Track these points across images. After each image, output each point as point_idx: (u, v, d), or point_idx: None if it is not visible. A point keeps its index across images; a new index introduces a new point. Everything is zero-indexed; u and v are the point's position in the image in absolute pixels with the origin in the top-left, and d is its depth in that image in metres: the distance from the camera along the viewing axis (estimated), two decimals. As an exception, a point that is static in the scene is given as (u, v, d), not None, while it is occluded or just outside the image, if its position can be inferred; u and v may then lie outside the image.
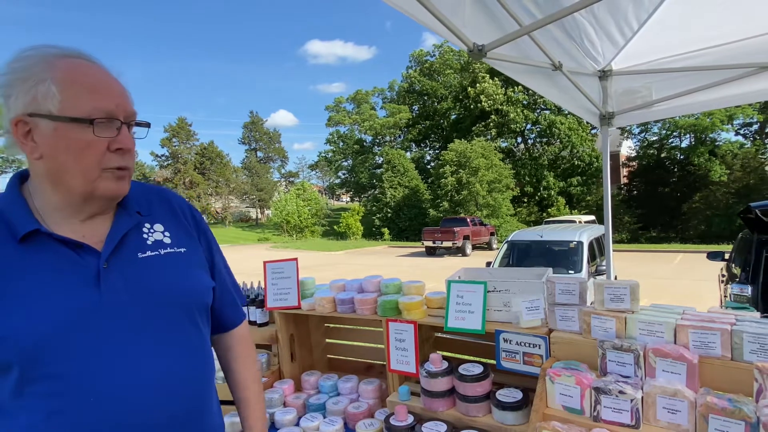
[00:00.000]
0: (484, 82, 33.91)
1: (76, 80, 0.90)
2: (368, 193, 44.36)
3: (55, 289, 0.89)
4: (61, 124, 0.88)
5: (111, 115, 0.92)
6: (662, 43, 2.78)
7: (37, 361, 0.86)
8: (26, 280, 0.88)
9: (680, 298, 9.40)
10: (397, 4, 1.68)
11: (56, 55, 0.90)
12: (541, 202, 33.44)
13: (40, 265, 0.90)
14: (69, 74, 0.89)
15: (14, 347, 0.84)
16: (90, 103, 0.90)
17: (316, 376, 2.33)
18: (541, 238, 8.36)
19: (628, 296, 1.59)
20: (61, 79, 0.88)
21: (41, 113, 0.88)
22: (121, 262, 0.97)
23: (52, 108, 0.88)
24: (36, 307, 0.86)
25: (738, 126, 30.31)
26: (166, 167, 47.44)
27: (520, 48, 2.31)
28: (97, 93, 0.91)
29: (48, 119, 0.88)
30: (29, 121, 0.89)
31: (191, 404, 1.02)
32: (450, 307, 1.87)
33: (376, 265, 18.74)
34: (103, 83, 0.93)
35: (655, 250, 21.50)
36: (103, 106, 0.91)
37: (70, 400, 0.87)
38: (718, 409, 1.26)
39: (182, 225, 1.13)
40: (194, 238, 1.14)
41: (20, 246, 0.90)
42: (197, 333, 1.07)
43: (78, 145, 0.90)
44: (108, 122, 0.92)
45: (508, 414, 1.64)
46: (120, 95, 0.95)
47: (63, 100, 0.88)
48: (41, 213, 0.95)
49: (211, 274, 1.17)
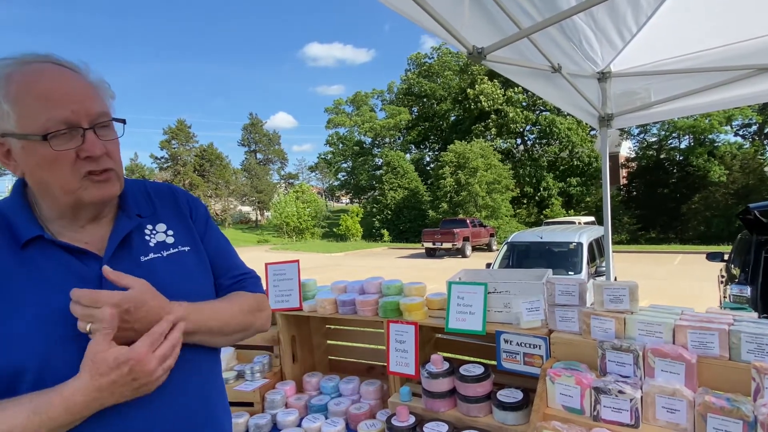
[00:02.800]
0: (483, 84, 33.97)
1: (29, 92, 0.84)
2: (368, 195, 44.38)
3: (56, 296, 0.87)
4: (25, 141, 0.86)
5: (70, 123, 0.86)
6: (661, 45, 2.80)
7: (40, 368, 0.84)
8: (27, 286, 0.87)
9: (679, 299, 9.41)
10: (397, 8, 1.69)
11: (10, 67, 0.86)
12: (541, 203, 33.45)
13: (42, 271, 0.89)
14: (20, 87, 0.85)
15: (18, 355, 0.82)
16: (43, 115, 0.85)
17: (317, 377, 2.34)
18: (541, 240, 8.38)
19: (627, 297, 1.61)
20: (14, 94, 0.84)
21: (7, 133, 0.86)
22: (123, 266, 0.95)
23: (10, 127, 0.85)
24: (38, 314, 0.85)
25: (737, 127, 30.39)
26: (165, 169, 47.42)
27: (519, 50, 2.32)
28: (50, 101, 0.85)
29: (13, 138, 0.86)
30: (3, 141, 0.87)
31: (197, 413, 1.01)
32: (451, 308, 1.88)
33: (376, 266, 18.74)
34: (57, 89, 0.86)
35: (654, 251, 21.53)
36: (58, 116, 0.85)
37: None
38: (717, 408, 1.27)
39: (186, 222, 1.11)
40: (196, 233, 1.11)
41: (23, 252, 0.89)
42: None
43: (45, 161, 0.87)
44: (69, 131, 0.86)
45: (509, 414, 1.65)
46: (81, 99, 0.88)
47: (18, 117, 0.84)
48: (44, 220, 0.94)
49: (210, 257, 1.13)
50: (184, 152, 47.80)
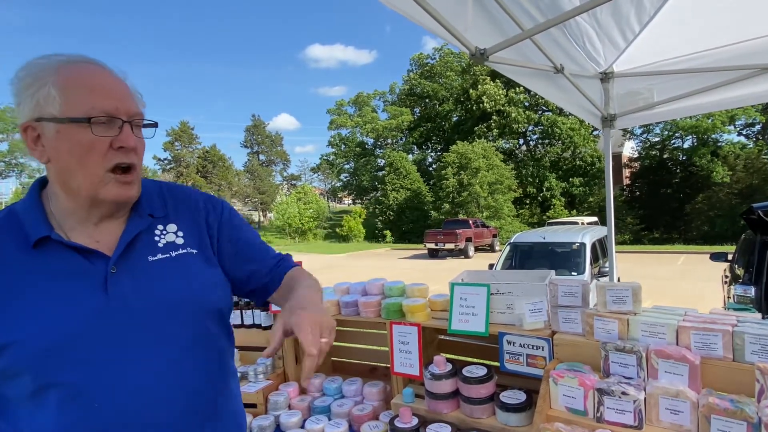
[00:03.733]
0: (485, 84, 33.95)
1: (77, 82, 0.91)
2: (370, 196, 44.38)
3: (63, 296, 0.90)
4: (62, 126, 0.90)
5: (111, 115, 0.93)
6: (664, 45, 2.79)
7: (46, 368, 0.86)
8: (36, 286, 0.89)
9: (683, 300, 9.38)
10: (400, 9, 1.70)
11: (61, 62, 0.92)
12: (544, 203, 33.39)
13: (50, 271, 0.91)
14: (70, 77, 0.91)
15: (24, 355, 0.85)
16: (88, 103, 0.91)
17: (320, 378, 2.34)
18: (544, 240, 8.37)
19: (630, 298, 1.60)
20: (62, 82, 0.90)
21: (45, 117, 0.90)
22: (131, 266, 0.97)
23: (54, 110, 0.89)
24: (44, 315, 0.87)
25: (740, 126, 30.25)
26: (168, 171, 47.57)
27: (521, 51, 2.32)
28: (96, 93, 0.92)
29: (51, 122, 0.90)
30: (36, 126, 0.91)
31: (201, 410, 1.01)
32: (453, 309, 1.88)
33: (379, 267, 18.74)
34: (103, 85, 0.94)
35: (657, 251, 21.47)
36: (102, 106, 0.92)
37: (78, 407, 0.88)
38: (720, 409, 1.27)
39: (199, 225, 1.12)
40: (205, 235, 1.12)
41: (33, 252, 0.92)
42: (210, 335, 1.06)
43: (80, 146, 0.91)
44: (108, 121, 0.92)
45: (512, 415, 1.65)
46: (121, 96, 0.96)
47: (63, 102, 0.89)
48: (57, 218, 0.96)
49: (242, 259, 1.15)
50: (187, 154, 47.97)
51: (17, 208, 0.98)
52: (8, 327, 0.86)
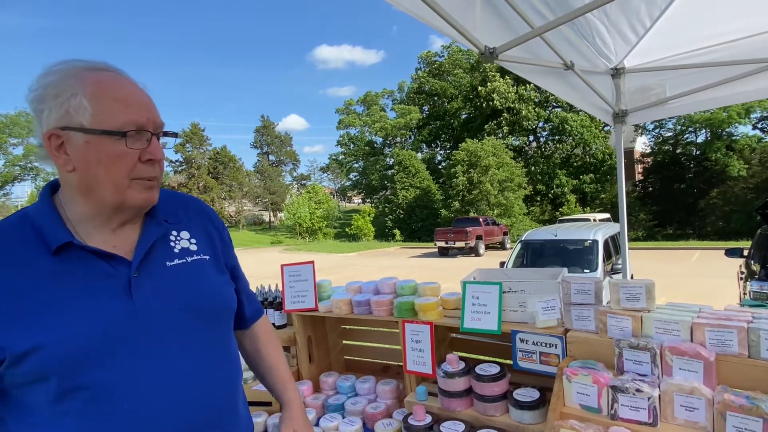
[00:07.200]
0: (495, 81, 33.74)
1: (107, 93, 0.92)
2: (379, 195, 44.43)
3: (88, 300, 0.90)
4: (92, 136, 0.90)
5: (141, 127, 0.94)
6: (675, 39, 2.76)
7: (73, 371, 0.87)
8: (61, 292, 0.90)
9: (698, 297, 9.25)
10: (408, 9, 1.70)
11: (85, 68, 0.93)
12: (555, 200, 33.13)
13: (74, 276, 0.92)
14: (99, 88, 0.91)
15: (51, 358, 0.86)
16: (122, 116, 0.92)
17: (334, 377, 2.36)
18: (556, 237, 8.30)
19: (644, 295, 1.60)
20: (92, 93, 0.90)
21: (73, 126, 0.89)
22: (151, 270, 0.99)
23: (84, 121, 0.89)
24: (71, 318, 0.88)
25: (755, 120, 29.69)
26: (180, 172, 48.07)
27: (531, 49, 2.31)
28: (129, 106, 0.93)
29: (80, 132, 0.90)
30: (62, 134, 0.90)
31: (223, 408, 1.05)
32: (466, 308, 1.89)
33: (389, 266, 18.76)
34: (132, 96, 0.96)
35: (671, 247, 21.18)
36: (135, 119, 0.93)
37: (106, 409, 0.89)
38: (736, 406, 1.26)
39: (207, 232, 1.16)
40: (216, 244, 1.17)
41: (54, 258, 0.91)
42: (227, 337, 1.10)
43: (110, 157, 0.92)
44: (138, 134, 0.94)
45: (526, 413, 1.65)
46: (149, 108, 0.97)
47: (95, 113, 0.90)
48: (73, 223, 0.96)
49: (231, 276, 1.21)
50: (199, 155, 48.40)
51: (31, 213, 0.97)
52: (34, 331, 0.86)
